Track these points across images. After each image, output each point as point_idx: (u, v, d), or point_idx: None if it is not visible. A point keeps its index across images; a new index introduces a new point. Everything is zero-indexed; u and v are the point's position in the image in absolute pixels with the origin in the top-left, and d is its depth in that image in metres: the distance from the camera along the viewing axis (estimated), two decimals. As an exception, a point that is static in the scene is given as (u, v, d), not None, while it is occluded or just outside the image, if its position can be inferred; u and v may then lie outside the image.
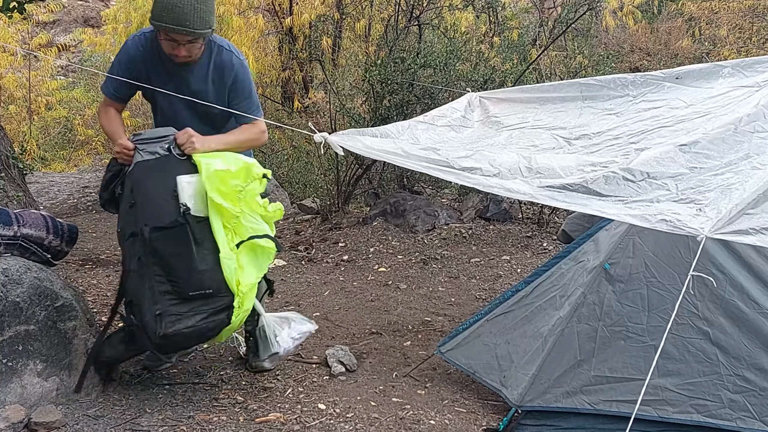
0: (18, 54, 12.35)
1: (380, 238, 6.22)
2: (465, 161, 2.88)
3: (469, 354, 3.36)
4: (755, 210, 2.33)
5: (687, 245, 2.80)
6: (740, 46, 10.79)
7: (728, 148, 2.69)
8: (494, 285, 5.14)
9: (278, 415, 2.95)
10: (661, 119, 3.12)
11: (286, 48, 10.61)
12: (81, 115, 13.01)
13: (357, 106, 7.44)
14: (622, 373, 2.84)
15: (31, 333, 2.88)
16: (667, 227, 2.28)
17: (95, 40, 13.23)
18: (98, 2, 17.33)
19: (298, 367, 3.54)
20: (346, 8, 9.91)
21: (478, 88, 5.32)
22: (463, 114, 3.77)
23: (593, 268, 3.04)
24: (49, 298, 2.96)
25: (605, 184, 2.57)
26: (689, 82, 3.35)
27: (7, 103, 12.73)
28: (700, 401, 2.71)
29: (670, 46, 12.83)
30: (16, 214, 3.12)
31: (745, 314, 2.72)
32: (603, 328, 2.93)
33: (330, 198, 6.92)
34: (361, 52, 9.45)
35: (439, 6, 8.35)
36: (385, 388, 3.35)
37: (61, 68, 14.43)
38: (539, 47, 9.11)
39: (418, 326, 4.29)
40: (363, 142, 3.11)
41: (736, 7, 11.25)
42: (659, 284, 2.87)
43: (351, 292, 5.03)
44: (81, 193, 8.21)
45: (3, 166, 4.93)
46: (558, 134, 3.27)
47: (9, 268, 2.91)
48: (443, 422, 3.02)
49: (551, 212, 6.53)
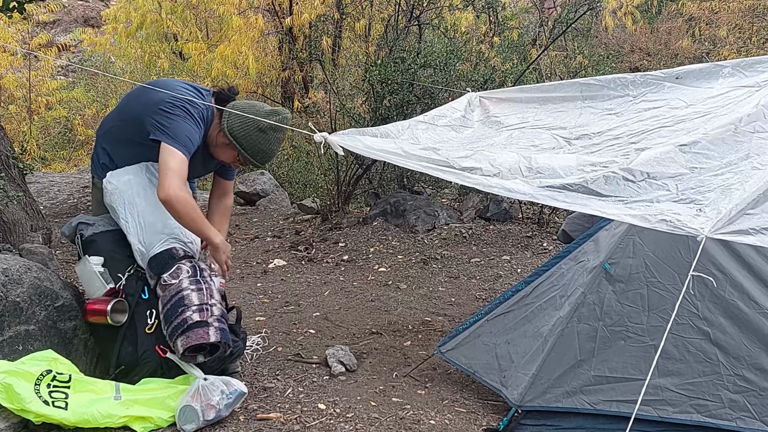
0: (18, 54, 12.35)
1: (380, 238, 6.22)
2: (465, 161, 2.88)
3: (469, 354, 3.36)
4: (755, 210, 2.33)
5: (687, 245, 2.79)
6: (740, 46, 10.79)
7: (728, 149, 2.69)
8: (494, 285, 5.14)
9: (278, 415, 2.95)
10: (661, 119, 3.12)
11: (286, 48, 10.60)
12: (81, 115, 13.02)
13: (357, 106, 7.44)
14: (622, 373, 2.84)
15: (31, 333, 2.88)
16: (667, 227, 2.28)
17: (95, 40, 13.24)
18: (98, 2, 17.33)
19: (298, 367, 3.54)
20: (346, 8, 9.90)
21: (478, 88, 5.31)
22: (463, 114, 3.77)
23: (593, 268, 3.04)
24: (49, 298, 2.96)
25: (605, 184, 2.57)
26: (689, 82, 3.35)
27: (7, 103, 12.73)
28: (700, 401, 2.70)
29: (670, 46, 12.83)
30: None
31: (745, 314, 2.72)
32: (603, 328, 2.93)
33: (330, 198, 6.92)
34: (361, 52, 9.45)
35: (439, 6, 8.35)
36: (385, 388, 3.35)
37: (61, 68, 14.43)
38: (539, 47, 9.11)
39: (418, 326, 4.29)
40: (363, 142, 3.10)
41: (736, 7, 11.25)
42: (659, 284, 2.87)
43: (351, 292, 5.03)
44: (81, 193, 8.20)
45: (3, 166, 4.93)
46: (558, 134, 3.26)
47: (9, 268, 2.91)
48: (443, 422, 3.02)
49: (551, 212, 6.52)
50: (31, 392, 2.60)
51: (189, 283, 2.98)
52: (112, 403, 2.75)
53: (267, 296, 4.94)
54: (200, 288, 2.99)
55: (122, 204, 3.10)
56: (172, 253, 3.04)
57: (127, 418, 2.73)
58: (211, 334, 2.91)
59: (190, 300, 2.94)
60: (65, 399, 2.67)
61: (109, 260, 3.09)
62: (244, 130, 3.08)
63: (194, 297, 2.95)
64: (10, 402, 2.57)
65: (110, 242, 3.12)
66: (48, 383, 2.67)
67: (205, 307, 2.95)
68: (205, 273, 3.08)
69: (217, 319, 2.97)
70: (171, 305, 2.94)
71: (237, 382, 2.94)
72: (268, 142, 3.13)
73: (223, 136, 3.13)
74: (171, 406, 2.82)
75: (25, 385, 2.61)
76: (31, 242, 4.79)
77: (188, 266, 3.04)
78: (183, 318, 2.90)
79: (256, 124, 3.07)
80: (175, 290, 2.96)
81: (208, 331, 2.90)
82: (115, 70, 13.09)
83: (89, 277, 3.07)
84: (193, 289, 2.97)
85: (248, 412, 2.97)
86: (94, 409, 2.68)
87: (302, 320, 4.34)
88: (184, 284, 2.97)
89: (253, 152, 3.13)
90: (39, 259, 4.26)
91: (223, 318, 3.03)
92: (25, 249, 4.46)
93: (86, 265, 3.08)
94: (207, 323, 2.92)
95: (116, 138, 3.20)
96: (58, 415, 2.61)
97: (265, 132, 3.10)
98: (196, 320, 2.89)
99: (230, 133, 3.09)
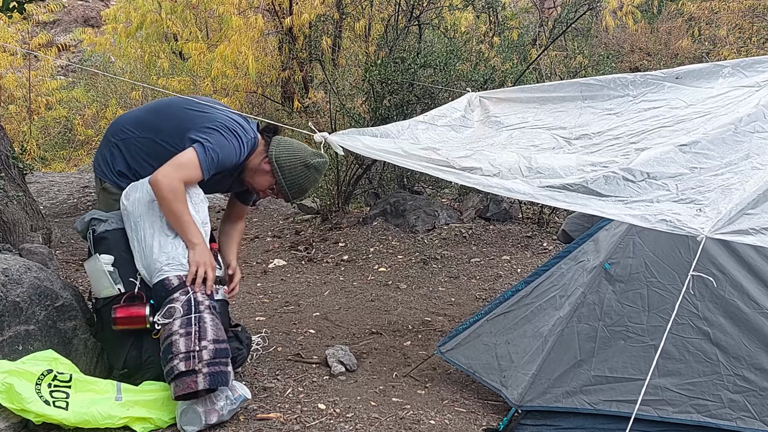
0: (18, 54, 12.36)
1: (380, 238, 6.22)
2: (465, 161, 2.88)
3: (469, 354, 3.36)
4: (755, 210, 2.33)
5: (687, 245, 2.80)
6: (740, 46, 10.79)
7: (728, 148, 2.69)
8: (494, 285, 5.14)
9: (278, 415, 2.95)
10: (661, 119, 3.12)
11: (286, 48, 10.60)
12: (81, 115, 13.03)
13: (357, 106, 7.44)
14: (622, 373, 2.84)
15: (31, 333, 2.88)
16: (667, 227, 2.28)
17: (95, 40, 13.24)
18: (98, 2, 17.33)
19: (298, 367, 3.54)
20: (346, 8, 9.89)
21: (478, 88, 5.31)
22: (463, 114, 3.77)
23: (593, 268, 3.04)
24: (49, 298, 2.96)
25: (605, 184, 2.57)
26: (689, 82, 3.34)
27: (7, 103, 12.74)
28: (700, 401, 2.70)
29: (670, 46, 12.83)
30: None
31: (745, 314, 2.72)
32: (603, 328, 2.93)
33: (330, 198, 6.92)
34: (361, 52, 9.45)
35: (439, 6, 8.35)
36: (385, 388, 3.35)
37: (61, 68, 14.43)
38: (539, 47, 9.11)
39: (418, 326, 4.29)
40: (363, 141, 3.11)
41: (736, 7, 11.25)
42: (659, 284, 2.87)
43: (351, 292, 5.03)
44: (81, 193, 8.20)
45: (3, 166, 4.93)
46: (558, 134, 3.26)
47: (9, 268, 2.91)
48: (443, 422, 3.02)
49: (551, 212, 6.53)
50: (32, 392, 2.60)
51: (179, 325, 2.84)
52: (113, 403, 2.75)
53: (267, 296, 4.94)
54: (189, 332, 2.83)
55: (131, 227, 3.04)
56: (165, 285, 2.93)
57: (127, 419, 2.73)
58: (200, 382, 2.76)
59: (177, 348, 2.80)
60: (66, 399, 2.66)
61: (119, 260, 3.03)
62: (290, 161, 3.21)
63: (181, 344, 2.80)
64: (10, 402, 2.56)
65: (122, 241, 3.06)
66: (49, 383, 2.67)
67: (192, 354, 2.79)
68: (201, 306, 2.91)
69: (207, 364, 2.80)
70: (164, 348, 2.86)
71: (241, 387, 2.92)
72: (308, 179, 3.27)
73: (267, 163, 3.21)
74: (172, 408, 2.82)
75: (26, 385, 2.60)
76: (31, 242, 4.79)
77: (182, 302, 2.89)
78: (171, 366, 2.79)
79: (304, 159, 3.23)
80: (167, 333, 2.85)
81: (196, 380, 2.76)
82: (115, 70, 13.09)
83: (98, 275, 3.03)
84: (181, 333, 2.82)
85: (248, 412, 2.97)
86: (94, 410, 2.68)
87: (302, 320, 4.34)
88: (174, 327, 2.84)
89: (291, 184, 3.24)
90: (39, 259, 4.26)
91: (215, 359, 2.84)
92: (25, 249, 4.46)
93: (96, 263, 3.03)
94: (194, 371, 2.77)
95: (146, 153, 3.16)
96: (59, 415, 2.61)
97: (309, 168, 3.25)
98: (182, 370, 2.76)
99: (276, 162, 3.19)
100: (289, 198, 3.33)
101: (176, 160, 2.98)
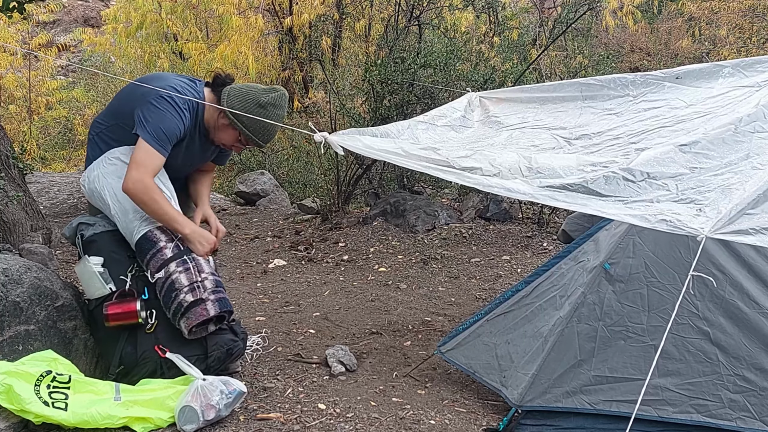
0: (18, 54, 12.36)
1: (380, 238, 6.22)
2: (465, 161, 2.88)
3: (469, 354, 3.36)
4: (755, 210, 2.33)
5: (687, 245, 2.80)
6: (740, 46, 10.79)
7: (728, 149, 2.69)
8: (494, 285, 5.13)
9: (278, 415, 2.95)
10: (661, 119, 3.12)
11: (286, 48, 10.61)
12: (81, 115, 13.02)
13: (357, 106, 7.44)
14: (622, 373, 2.84)
15: (31, 333, 2.88)
16: (667, 227, 2.27)
17: (95, 40, 13.26)
18: (98, 2, 17.34)
19: (298, 367, 3.54)
20: (346, 8, 9.90)
21: (478, 88, 5.31)
22: (463, 114, 3.76)
23: (593, 268, 3.04)
24: (49, 297, 2.96)
25: (605, 184, 2.57)
26: (689, 82, 3.34)
27: (7, 103, 12.74)
28: (700, 401, 2.71)
29: (670, 46, 12.84)
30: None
31: (745, 314, 2.72)
32: (603, 328, 2.93)
33: (330, 198, 6.92)
34: (361, 52, 9.46)
35: (439, 6, 8.35)
36: (385, 388, 3.35)
37: (61, 68, 14.44)
38: (539, 47, 9.12)
39: (418, 326, 4.29)
40: (363, 141, 3.10)
41: (736, 7, 11.25)
42: (659, 284, 2.87)
43: (351, 292, 5.03)
44: (81, 193, 8.19)
45: (3, 166, 4.93)
46: (558, 134, 3.26)
47: (9, 268, 2.91)
48: (443, 422, 3.02)
49: (551, 212, 6.53)
50: (31, 393, 2.60)
51: (175, 266, 3.00)
52: (112, 403, 2.75)
53: (267, 296, 4.94)
54: (187, 267, 3.01)
55: (103, 204, 3.12)
56: (148, 238, 3.04)
57: (126, 419, 2.73)
58: (210, 308, 2.97)
59: (180, 283, 2.97)
60: (65, 400, 2.67)
61: (109, 260, 3.09)
62: (244, 107, 3.12)
63: (183, 278, 2.98)
64: (10, 402, 2.57)
65: (110, 242, 3.12)
66: (48, 384, 2.67)
67: (196, 285, 2.99)
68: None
69: (212, 291, 3.01)
70: (165, 291, 2.99)
71: (236, 382, 2.94)
72: (269, 118, 3.14)
73: (223, 116, 3.17)
74: (170, 407, 2.82)
75: (25, 386, 2.61)
76: (31, 242, 4.79)
77: (170, 248, 3.03)
78: (178, 302, 2.95)
79: (256, 99, 3.14)
80: (165, 276, 2.99)
81: (206, 307, 2.96)
82: (115, 70, 13.09)
83: (89, 277, 3.08)
84: (180, 270, 3.00)
85: (248, 412, 2.97)
86: (93, 410, 2.68)
87: (302, 320, 4.34)
88: (171, 269, 3.00)
89: (253, 130, 3.17)
90: (39, 259, 4.26)
91: (218, 288, 3.06)
92: (25, 249, 4.47)
93: (86, 265, 3.08)
94: (202, 300, 2.96)
95: (114, 138, 3.20)
96: (58, 415, 2.61)
97: (264, 107, 3.15)
98: (191, 301, 2.94)
99: (230, 112, 3.13)
100: (259, 143, 3.26)
101: (134, 161, 3.00)
